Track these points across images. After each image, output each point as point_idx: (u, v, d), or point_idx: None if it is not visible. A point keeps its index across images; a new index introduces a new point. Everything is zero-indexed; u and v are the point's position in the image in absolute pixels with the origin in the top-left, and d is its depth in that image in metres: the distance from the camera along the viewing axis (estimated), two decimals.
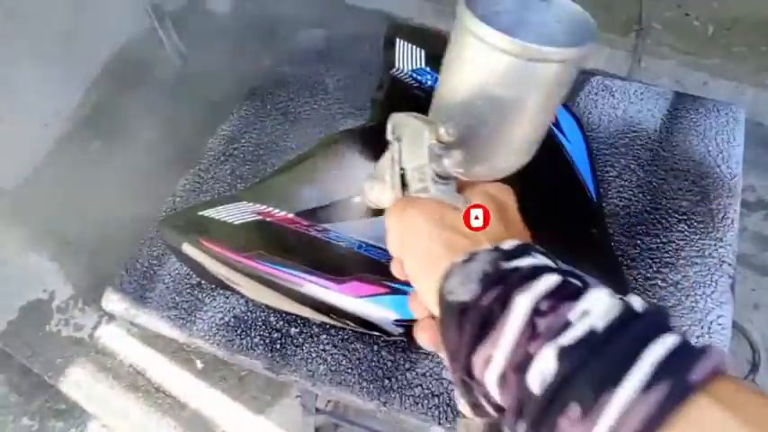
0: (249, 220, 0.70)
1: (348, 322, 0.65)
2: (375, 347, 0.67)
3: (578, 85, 0.87)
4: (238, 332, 0.69)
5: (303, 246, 0.67)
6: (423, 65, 0.84)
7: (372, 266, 0.66)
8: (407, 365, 0.66)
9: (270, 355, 0.67)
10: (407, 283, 0.47)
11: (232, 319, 0.70)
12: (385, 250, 0.67)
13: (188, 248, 0.69)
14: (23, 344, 1.32)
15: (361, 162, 0.72)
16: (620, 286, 0.68)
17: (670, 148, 0.80)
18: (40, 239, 1.46)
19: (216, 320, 0.70)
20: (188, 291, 0.73)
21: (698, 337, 0.65)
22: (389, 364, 0.66)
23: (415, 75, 0.84)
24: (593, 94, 0.86)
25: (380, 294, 0.64)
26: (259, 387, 1.24)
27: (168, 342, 1.25)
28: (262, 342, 0.68)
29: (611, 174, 0.78)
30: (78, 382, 1.27)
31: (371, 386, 0.65)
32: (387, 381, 0.65)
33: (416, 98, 0.81)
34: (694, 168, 0.78)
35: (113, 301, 0.73)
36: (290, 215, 0.71)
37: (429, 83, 0.82)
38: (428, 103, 0.74)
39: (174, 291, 0.73)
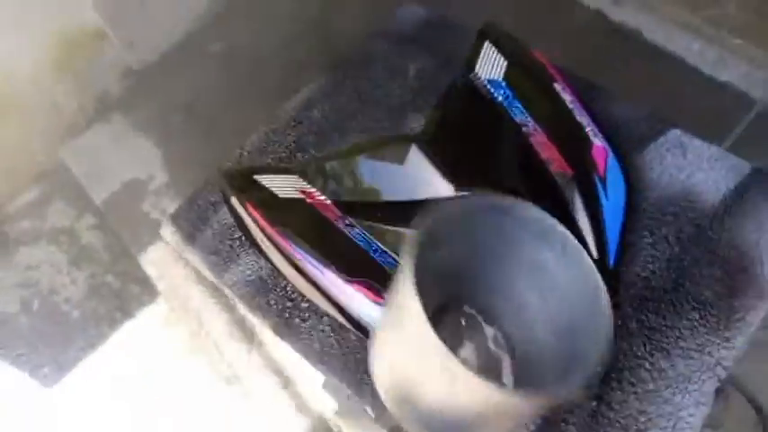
0: (291, 196, 0.77)
1: (342, 317, 0.73)
2: (365, 344, 0.74)
3: (653, 135, 0.84)
4: (260, 292, 0.79)
5: (326, 235, 0.74)
6: (500, 77, 0.84)
7: (380, 274, 0.72)
8: None
9: (278, 319, 0.77)
10: None
11: (257, 279, 0.80)
12: (395, 260, 0.73)
13: (236, 206, 0.78)
14: (119, 215, 1.51)
15: (408, 173, 0.77)
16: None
17: (719, 230, 0.77)
18: (152, 125, 1.63)
19: (245, 276, 0.80)
20: (229, 242, 0.83)
21: (661, 428, 0.67)
22: None
23: (489, 86, 0.84)
24: (663, 149, 0.83)
25: (378, 304, 0.70)
26: None
27: None
28: (275, 306, 0.78)
29: (646, 240, 0.77)
30: (155, 262, 1.45)
31: (350, 375, 0.73)
32: (365, 375, 0.73)
33: (480, 112, 0.83)
34: (735, 259, 0.75)
35: (168, 233, 0.85)
36: (329, 201, 0.78)
37: (500, 98, 0.83)
38: (491, 119, 0.78)
39: (218, 238, 0.83)
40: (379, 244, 0.74)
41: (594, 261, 0.73)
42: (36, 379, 1.47)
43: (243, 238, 0.82)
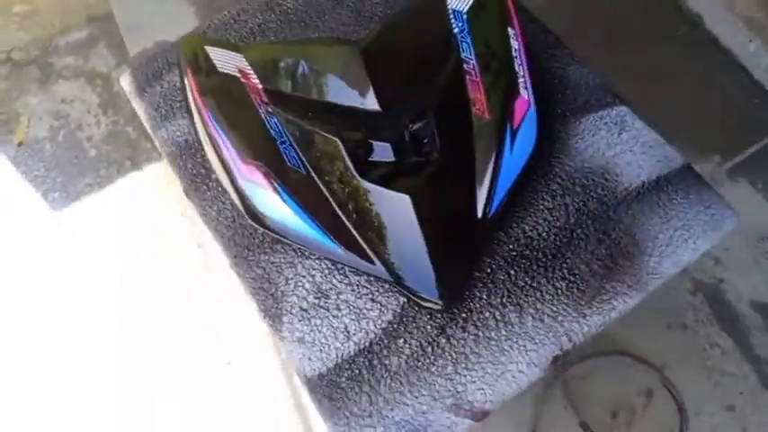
0: (229, 72, 0.81)
1: (237, 198, 0.78)
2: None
3: (598, 107, 0.82)
4: (181, 154, 0.85)
5: (244, 116, 0.78)
6: (464, 10, 0.83)
7: (278, 164, 0.75)
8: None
9: (189, 182, 0.83)
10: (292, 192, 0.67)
11: (183, 142, 0.86)
12: (299, 155, 0.76)
13: (182, 69, 0.84)
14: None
15: (340, 79, 0.79)
16: (456, 286, 0.73)
17: (623, 213, 0.76)
18: None
19: (175, 136, 0.86)
20: (171, 102, 0.88)
21: (487, 373, 0.70)
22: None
23: (452, 15, 0.83)
24: (602, 122, 0.81)
25: (265, 188, 0.75)
26: None
27: None
28: (192, 169, 0.84)
29: (546, 204, 0.77)
30: None
31: (236, 248, 0.79)
32: (247, 250, 0.78)
33: (432, 37, 0.82)
34: (626, 244, 0.75)
35: (126, 81, 0.91)
36: (260, 86, 0.81)
37: (456, 30, 0.82)
38: (440, 47, 0.78)
39: (163, 96, 0.89)
40: (291, 138, 0.77)
41: (476, 213, 0.74)
42: (46, 201, 1.63)
43: (183, 102, 0.88)
